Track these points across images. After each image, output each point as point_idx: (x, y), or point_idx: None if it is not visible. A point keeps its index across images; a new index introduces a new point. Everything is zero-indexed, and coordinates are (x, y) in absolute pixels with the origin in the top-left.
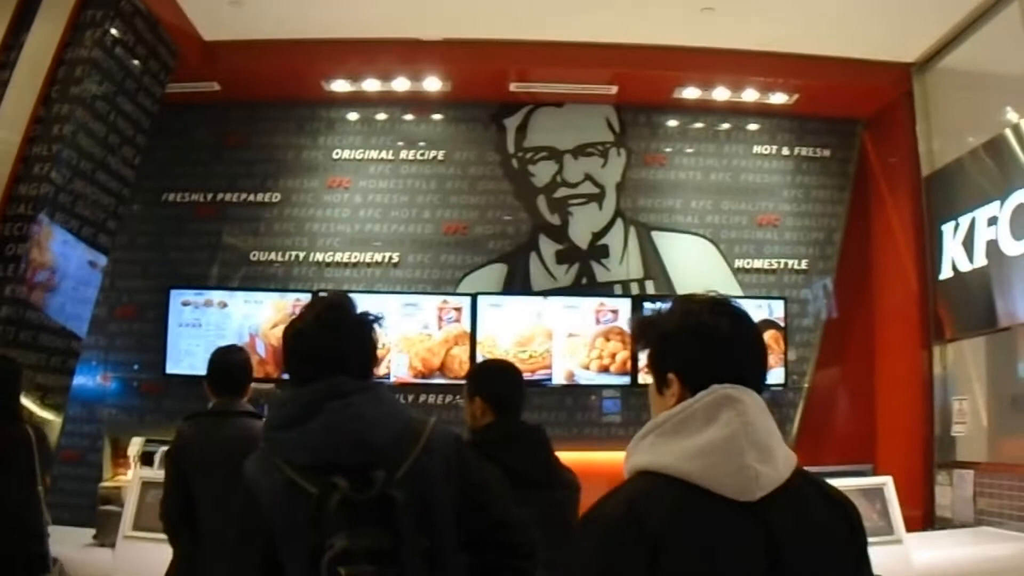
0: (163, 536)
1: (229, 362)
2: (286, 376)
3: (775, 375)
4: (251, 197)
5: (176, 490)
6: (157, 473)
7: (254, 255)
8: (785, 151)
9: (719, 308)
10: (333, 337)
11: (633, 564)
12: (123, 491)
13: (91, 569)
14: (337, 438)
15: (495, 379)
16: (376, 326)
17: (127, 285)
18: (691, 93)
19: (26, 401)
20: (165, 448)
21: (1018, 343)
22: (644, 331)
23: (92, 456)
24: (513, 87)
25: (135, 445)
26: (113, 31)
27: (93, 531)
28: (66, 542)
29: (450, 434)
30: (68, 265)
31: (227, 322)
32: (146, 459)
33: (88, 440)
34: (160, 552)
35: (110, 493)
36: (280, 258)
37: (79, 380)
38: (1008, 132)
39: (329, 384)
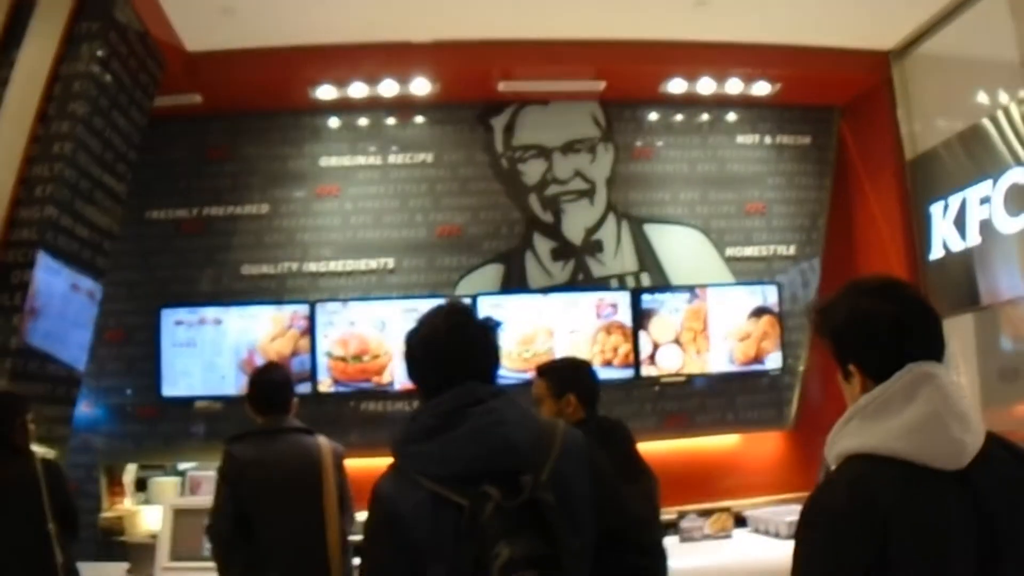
0: (202, 564)
1: (273, 380)
2: (414, 386)
3: (773, 360)
4: (238, 210)
5: (229, 510)
6: (189, 501)
7: (245, 269)
8: (767, 140)
9: (886, 294)
10: (464, 342)
11: (866, 545)
12: (124, 520)
13: None
14: (485, 445)
15: (585, 375)
16: (499, 331)
17: (114, 308)
18: (677, 86)
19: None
20: (188, 469)
21: (1002, 319)
22: (819, 324)
23: (89, 487)
24: (502, 86)
25: (130, 472)
26: (108, 44)
27: (107, 562)
28: None
29: (581, 436)
30: (51, 290)
31: (223, 339)
32: (140, 486)
33: (84, 471)
34: None
35: (112, 524)
36: (272, 271)
37: None
38: (1000, 113)
39: (467, 390)
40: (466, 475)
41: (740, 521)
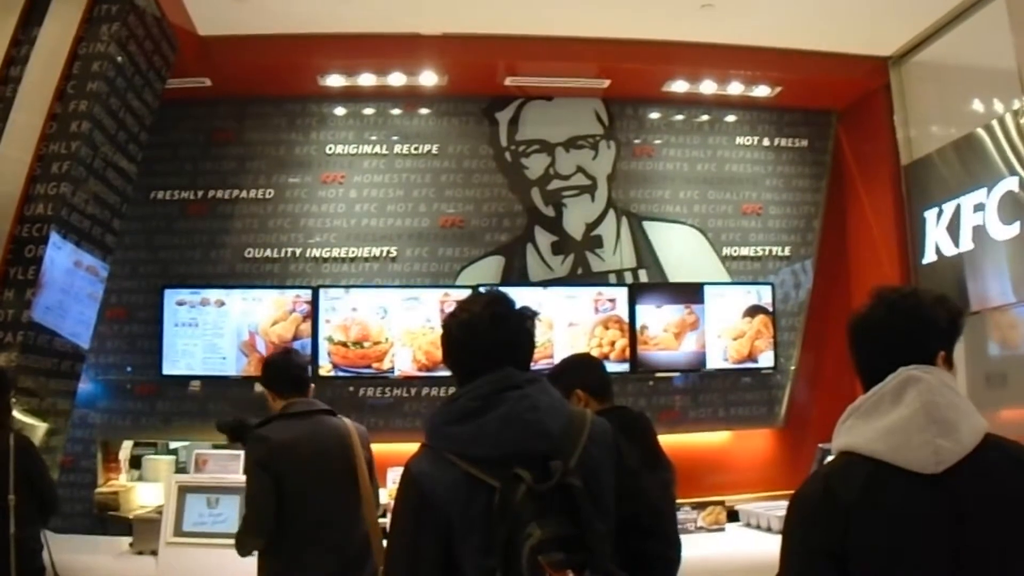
0: (205, 541)
1: (293, 362)
2: (450, 370)
3: (765, 358)
4: (243, 194)
5: (272, 496)
6: (194, 478)
7: (248, 252)
8: (766, 142)
9: (882, 299)
10: (504, 329)
11: (828, 533)
12: (120, 496)
13: None
14: (519, 429)
15: (588, 368)
16: (536, 320)
17: (117, 286)
18: (679, 87)
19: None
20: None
21: (990, 325)
22: None
23: (85, 462)
24: (508, 81)
25: (126, 449)
26: (127, 25)
27: (110, 537)
28: (100, 551)
29: (607, 424)
30: (54, 265)
31: (225, 321)
32: (134, 463)
33: (81, 445)
34: (204, 557)
35: (107, 499)
36: (276, 255)
37: None
38: (995, 123)
39: (504, 375)
40: (499, 457)
41: (732, 515)
